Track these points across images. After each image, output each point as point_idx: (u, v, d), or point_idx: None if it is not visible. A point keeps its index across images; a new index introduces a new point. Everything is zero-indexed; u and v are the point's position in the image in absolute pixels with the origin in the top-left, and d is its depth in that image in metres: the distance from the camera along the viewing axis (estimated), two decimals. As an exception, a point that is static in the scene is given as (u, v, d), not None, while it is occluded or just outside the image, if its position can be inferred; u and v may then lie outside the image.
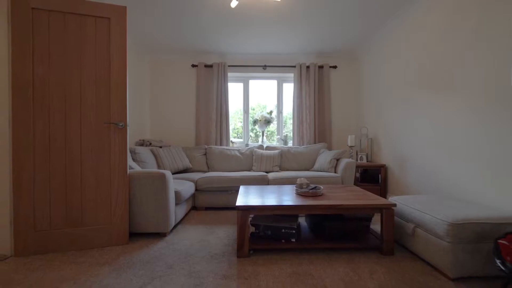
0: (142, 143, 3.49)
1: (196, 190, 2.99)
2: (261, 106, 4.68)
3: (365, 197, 1.96)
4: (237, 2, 2.33)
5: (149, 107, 4.17)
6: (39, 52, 1.85)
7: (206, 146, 3.80)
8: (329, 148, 4.03)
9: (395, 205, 1.78)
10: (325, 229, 1.92)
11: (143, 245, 1.98)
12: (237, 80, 4.35)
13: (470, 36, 1.96)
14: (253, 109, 4.60)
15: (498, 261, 1.21)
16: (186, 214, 2.82)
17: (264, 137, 4.22)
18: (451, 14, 2.15)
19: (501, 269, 1.18)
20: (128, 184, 2.05)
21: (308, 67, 4.07)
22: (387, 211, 1.78)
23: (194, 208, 3.09)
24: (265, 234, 1.94)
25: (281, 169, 3.59)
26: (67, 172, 1.90)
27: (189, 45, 3.81)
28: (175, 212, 2.31)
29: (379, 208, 1.79)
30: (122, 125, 1.98)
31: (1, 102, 1.81)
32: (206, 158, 3.70)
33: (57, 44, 1.89)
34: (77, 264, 1.69)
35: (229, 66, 4.08)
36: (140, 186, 2.08)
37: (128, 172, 2.04)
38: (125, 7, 2.00)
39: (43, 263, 1.71)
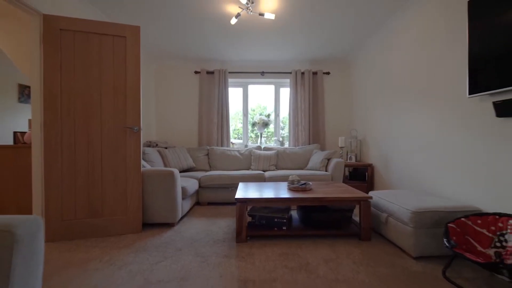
0: (149, 144, 3.79)
1: (199, 187, 3.29)
2: (261, 107, 4.98)
3: (347, 192, 2.25)
4: (236, 20, 2.63)
5: (155, 110, 4.48)
6: (66, 66, 2.16)
7: (208, 147, 4.11)
8: (323, 148, 4.33)
9: (371, 197, 2.08)
10: (313, 219, 2.22)
11: (154, 233, 2.28)
12: (237, 85, 4.65)
13: (440, 50, 2.25)
14: (253, 110, 4.91)
15: (445, 240, 1.50)
16: (190, 208, 3.12)
17: (263, 138, 4.52)
18: (426, 29, 2.44)
19: (446, 246, 1.47)
20: (141, 180, 2.35)
21: (303, 73, 4.37)
22: (365, 203, 2.07)
23: (197, 203, 3.39)
24: (260, 223, 2.24)
25: (277, 168, 3.89)
26: (89, 170, 2.21)
27: (192, 53, 4.12)
28: (182, 206, 2.61)
29: (358, 200, 2.09)
30: (136, 129, 2.29)
31: (35, 110, 2.12)
32: (208, 158, 4.01)
33: (81, 59, 2.20)
34: (100, 248, 1.99)
35: (229, 72, 4.39)
36: (152, 183, 2.38)
37: (141, 170, 2.34)
38: (139, 26, 2.31)
39: (71, 246, 2.01)
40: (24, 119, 5.27)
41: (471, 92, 1.84)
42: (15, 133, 2.51)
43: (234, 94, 4.71)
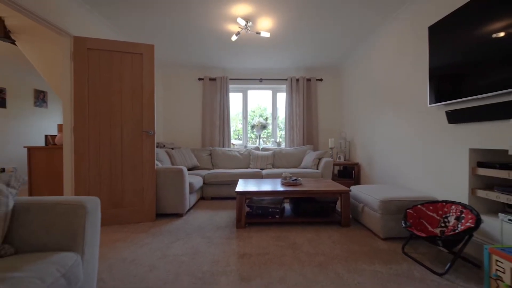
0: (157, 145, 4.18)
1: (203, 183, 3.67)
2: (261, 108, 5.36)
3: (331, 186, 2.64)
4: (236, 37, 3.01)
5: (162, 114, 4.87)
6: (92, 79, 2.55)
7: (211, 148, 4.50)
8: (315, 149, 4.71)
9: (350, 191, 2.46)
10: (302, 209, 2.60)
11: (166, 222, 2.67)
12: (237, 90, 5.05)
13: (410, 66, 2.63)
14: (253, 111, 5.29)
15: (403, 222, 1.88)
16: (196, 202, 3.51)
17: (261, 140, 4.91)
18: (399, 46, 2.83)
19: (403, 226, 1.85)
20: (155, 176, 2.74)
21: (298, 80, 4.76)
22: (345, 195, 2.46)
23: (202, 198, 3.78)
24: (257, 212, 2.62)
25: (274, 166, 4.27)
26: (111, 167, 2.59)
27: (196, 62, 4.52)
28: (189, 199, 3.00)
29: (339, 193, 2.48)
30: (151, 133, 2.68)
31: (66, 116, 2.51)
32: (211, 158, 4.39)
33: (105, 73, 2.59)
34: (122, 232, 2.37)
35: (230, 79, 4.78)
36: (164, 178, 2.77)
37: (155, 168, 2.73)
38: (153, 45, 2.70)
39: (98, 232, 2.39)
40: (39, 122, 5.68)
41: (431, 102, 2.23)
42: (46, 136, 2.90)
43: (235, 98, 5.10)
